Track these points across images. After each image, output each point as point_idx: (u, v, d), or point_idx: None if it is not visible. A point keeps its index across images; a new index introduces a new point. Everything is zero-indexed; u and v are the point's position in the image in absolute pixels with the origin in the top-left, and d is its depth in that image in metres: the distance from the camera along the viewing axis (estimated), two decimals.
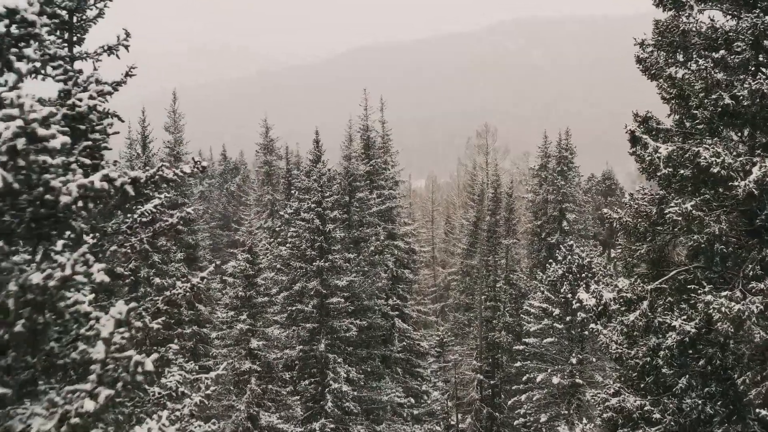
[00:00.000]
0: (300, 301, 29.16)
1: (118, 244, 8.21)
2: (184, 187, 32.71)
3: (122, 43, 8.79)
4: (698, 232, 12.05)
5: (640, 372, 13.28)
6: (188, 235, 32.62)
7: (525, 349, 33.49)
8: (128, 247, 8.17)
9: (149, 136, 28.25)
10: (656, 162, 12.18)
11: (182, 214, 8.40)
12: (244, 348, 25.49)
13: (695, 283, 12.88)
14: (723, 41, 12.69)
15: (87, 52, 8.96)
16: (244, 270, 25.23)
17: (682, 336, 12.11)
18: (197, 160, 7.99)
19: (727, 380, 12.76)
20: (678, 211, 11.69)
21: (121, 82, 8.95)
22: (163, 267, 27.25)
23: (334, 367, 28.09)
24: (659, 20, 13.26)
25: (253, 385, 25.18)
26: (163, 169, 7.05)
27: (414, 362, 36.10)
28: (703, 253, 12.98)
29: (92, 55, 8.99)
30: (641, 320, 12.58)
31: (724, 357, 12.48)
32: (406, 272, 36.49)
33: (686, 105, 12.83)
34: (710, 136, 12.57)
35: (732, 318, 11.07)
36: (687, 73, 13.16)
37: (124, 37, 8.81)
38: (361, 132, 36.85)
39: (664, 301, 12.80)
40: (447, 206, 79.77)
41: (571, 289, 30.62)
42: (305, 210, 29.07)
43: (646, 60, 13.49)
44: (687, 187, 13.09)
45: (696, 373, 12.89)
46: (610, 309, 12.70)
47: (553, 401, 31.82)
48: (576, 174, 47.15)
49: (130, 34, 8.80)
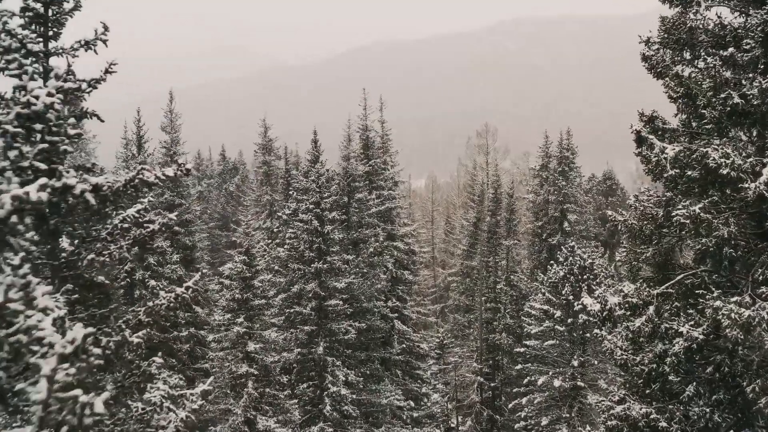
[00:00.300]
0: (298, 304, 28.79)
1: (96, 253, 7.75)
2: (181, 188, 32.32)
3: (99, 37, 8.31)
4: (706, 235, 11.66)
5: (645, 379, 12.90)
6: (185, 237, 32.23)
7: (526, 351, 33.11)
8: (107, 256, 7.72)
9: (144, 137, 27.86)
10: (663, 163, 11.81)
11: (164, 221, 7.93)
12: (241, 351, 25.10)
13: (703, 288, 12.51)
14: (731, 38, 12.33)
15: (63, 48, 8.49)
16: (240, 272, 24.84)
17: (689, 342, 11.74)
18: (181, 162, 7.57)
19: (735, 388, 12.39)
20: (686, 214, 11.31)
21: (100, 79, 8.45)
22: (158, 269, 26.87)
23: (333, 370, 27.72)
24: (666, 17, 12.90)
25: (250, 388, 24.79)
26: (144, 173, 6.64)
27: (414, 364, 35.76)
28: (711, 256, 12.61)
29: (68, 51, 8.53)
30: (647, 326, 12.21)
31: (733, 364, 12.10)
32: (405, 273, 36.14)
33: (693, 104, 12.47)
34: (718, 137, 12.20)
35: (742, 324, 10.70)
36: (694, 72, 12.78)
37: (102, 31, 8.32)
38: (360, 132, 36.49)
39: (670, 306, 12.43)
40: (447, 206, 79.46)
41: (572, 291, 30.29)
42: (303, 211, 28.69)
43: (652, 58, 13.13)
44: (694, 188, 12.72)
45: (703, 381, 12.52)
46: (615, 314, 12.32)
47: (555, 404, 31.46)
48: (577, 174, 46.77)
49: (108, 27, 8.30)
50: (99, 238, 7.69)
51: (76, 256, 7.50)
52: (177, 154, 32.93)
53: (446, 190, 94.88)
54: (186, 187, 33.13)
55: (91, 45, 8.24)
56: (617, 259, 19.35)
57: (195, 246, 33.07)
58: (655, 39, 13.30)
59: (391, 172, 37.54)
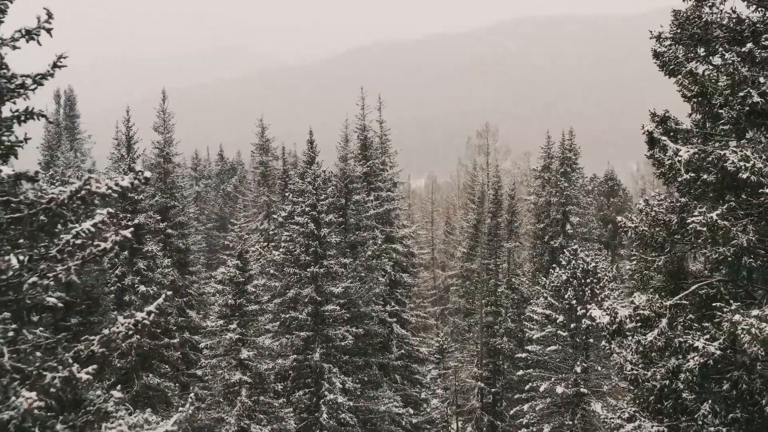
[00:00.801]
0: (294, 309, 28.04)
1: (39, 275, 6.91)
2: (175, 190, 31.55)
3: (43, 26, 7.43)
4: (724, 243, 10.91)
5: (657, 395, 12.15)
6: (179, 239, 31.46)
7: (527, 356, 32.37)
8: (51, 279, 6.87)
9: (133, 137, 27.09)
10: (677, 166, 11.05)
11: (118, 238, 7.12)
12: (234, 358, 24.34)
13: (718, 299, 11.77)
14: (750, 34, 11.57)
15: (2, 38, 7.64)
16: (233, 277, 24.07)
17: (705, 358, 10.99)
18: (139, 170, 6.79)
19: (753, 406, 11.64)
20: (702, 221, 10.56)
21: (47, 74, 7.64)
22: (148, 274, 26.09)
23: (330, 377, 26.99)
24: (679, 11, 12.14)
25: (243, 397, 24.06)
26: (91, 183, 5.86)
27: (413, 369, 35.08)
28: (729, 265, 11.84)
29: (7, 42, 7.68)
30: (660, 339, 11.47)
31: (751, 380, 11.35)
32: (404, 276, 35.42)
33: (709, 103, 11.71)
34: (736, 138, 11.45)
35: (763, 340, 9.96)
36: (709, 69, 12.04)
37: (46, 19, 7.47)
38: (358, 132, 35.73)
39: (684, 318, 11.68)
40: (447, 207, 78.73)
41: (575, 296, 29.59)
42: (299, 213, 27.94)
43: (664, 54, 12.36)
44: (708, 193, 11.98)
45: (719, 398, 11.76)
46: (626, 327, 11.56)
47: (557, 411, 30.77)
48: (580, 176, 45.96)
49: (52, 14, 7.47)
50: (47, 257, 6.87)
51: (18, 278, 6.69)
52: (171, 155, 32.16)
53: (446, 191, 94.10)
54: (179, 188, 32.34)
55: (33, 35, 7.38)
56: (627, 268, 18.62)
57: (189, 249, 32.28)
58: (667, 34, 12.55)
59: (390, 173, 36.80)
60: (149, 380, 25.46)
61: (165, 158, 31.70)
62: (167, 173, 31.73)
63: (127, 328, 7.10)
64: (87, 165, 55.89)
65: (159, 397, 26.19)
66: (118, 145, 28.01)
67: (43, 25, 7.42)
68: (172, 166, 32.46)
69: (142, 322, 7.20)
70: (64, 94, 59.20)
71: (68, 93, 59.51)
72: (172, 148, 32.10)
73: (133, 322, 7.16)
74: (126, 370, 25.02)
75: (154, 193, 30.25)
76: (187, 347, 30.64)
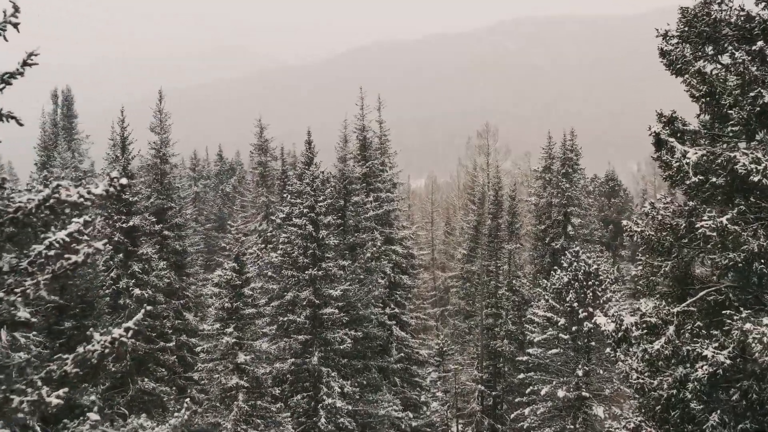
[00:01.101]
0: (292, 312, 27.66)
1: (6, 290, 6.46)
2: (171, 191, 31.15)
3: (9, 20, 7.06)
4: (734, 249, 10.53)
5: (664, 405, 11.76)
6: (175, 241, 31.05)
7: (528, 359, 32.00)
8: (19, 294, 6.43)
9: (128, 138, 26.69)
10: (685, 169, 10.68)
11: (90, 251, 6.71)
12: (231, 362, 23.98)
13: (727, 306, 11.39)
14: (760, 31, 11.19)
15: None
16: (230, 280, 23.70)
17: (714, 367, 10.62)
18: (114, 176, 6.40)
19: (763, 416, 11.26)
20: (712, 226, 10.19)
21: (17, 73, 7.20)
22: (143, 277, 25.70)
23: (328, 380, 26.62)
24: (686, 8, 11.76)
25: (240, 401, 23.70)
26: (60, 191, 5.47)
27: (413, 371, 34.72)
28: (738, 271, 11.46)
29: None
30: (667, 348, 11.10)
31: (762, 390, 10.98)
32: (404, 278, 35.05)
33: (717, 104, 11.34)
34: (746, 139, 11.07)
35: None
36: (717, 68, 11.67)
37: (12, 13, 7.07)
38: (357, 132, 35.34)
39: (692, 325, 11.31)
40: (447, 207, 78.36)
41: (577, 298, 29.22)
42: (297, 215, 27.56)
43: (671, 53, 11.97)
44: (717, 196, 11.62)
45: (728, 408, 11.38)
46: (632, 335, 11.19)
47: (558, 415, 30.39)
48: (581, 176, 45.51)
49: (18, 8, 7.09)
50: (17, 269, 6.45)
51: None
52: (168, 156, 31.76)
53: (446, 191, 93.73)
54: (176, 189, 31.93)
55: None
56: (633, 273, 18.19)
57: (186, 250, 31.88)
58: (674, 32, 12.16)
59: (390, 174, 36.40)
60: (144, 385, 25.08)
61: (162, 159, 31.29)
62: (164, 174, 31.33)
63: (103, 346, 6.67)
64: (85, 165, 55.41)
65: (155, 402, 25.82)
66: (113, 146, 27.61)
67: (9, 20, 7.02)
68: (169, 167, 32.06)
69: (120, 339, 6.77)
70: (61, 94, 58.72)
71: (66, 93, 59.04)
72: (170, 148, 31.70)
73: (110, 339, 6.73)
74: (121, 375, 24.64)
75: (149, 195, 29.86)
76: (185, 350, 30.26)
